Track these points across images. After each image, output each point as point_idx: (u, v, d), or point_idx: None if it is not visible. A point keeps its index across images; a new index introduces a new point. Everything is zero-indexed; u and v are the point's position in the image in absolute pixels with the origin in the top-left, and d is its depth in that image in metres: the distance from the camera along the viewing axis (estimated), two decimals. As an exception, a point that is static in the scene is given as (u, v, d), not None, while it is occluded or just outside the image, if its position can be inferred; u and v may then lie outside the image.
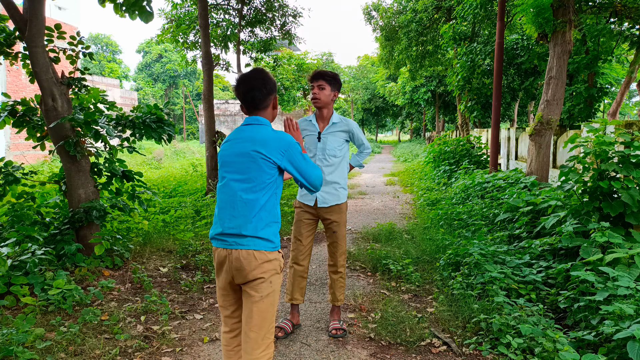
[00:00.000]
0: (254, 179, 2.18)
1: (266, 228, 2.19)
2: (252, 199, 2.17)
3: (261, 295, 2.16)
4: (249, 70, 2.33)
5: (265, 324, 2.17)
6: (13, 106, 4.72)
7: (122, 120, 4.85)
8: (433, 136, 28.63)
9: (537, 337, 2.97)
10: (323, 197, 3.41)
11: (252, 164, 2.18)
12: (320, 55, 30.99)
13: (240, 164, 2.20)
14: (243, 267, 2.14)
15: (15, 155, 19.81)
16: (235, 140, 2.27)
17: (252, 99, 2.27)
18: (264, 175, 2.17)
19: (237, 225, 2.16)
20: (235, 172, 2.21)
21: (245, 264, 2.14)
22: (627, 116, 41.23)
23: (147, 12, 4.32)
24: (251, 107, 2.29)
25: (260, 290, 2.16)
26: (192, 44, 13.16)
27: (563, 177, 4.52)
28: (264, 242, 2.17)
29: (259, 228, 2.16)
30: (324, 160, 3.38)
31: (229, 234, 2.18)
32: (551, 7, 6.85)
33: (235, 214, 2.18)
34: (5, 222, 4.72)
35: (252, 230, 2.15)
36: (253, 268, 2.14)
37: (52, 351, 3.03)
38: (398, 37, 18.41)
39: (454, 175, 11.32)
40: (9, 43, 4.83)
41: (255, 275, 2.15)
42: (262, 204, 2.18)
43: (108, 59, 57.54)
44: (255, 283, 2.16)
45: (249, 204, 2.17)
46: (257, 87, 2.25)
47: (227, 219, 2.19)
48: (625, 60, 16.07)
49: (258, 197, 2.17)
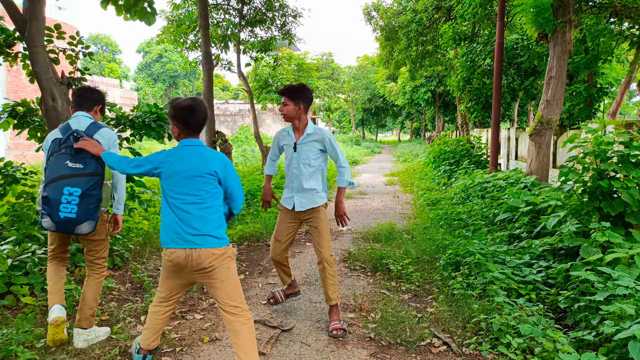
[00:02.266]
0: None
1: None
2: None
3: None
4: (194, 99, 2.67)
5: (238, 296, 2.67)
6: (14, 107, 4.72)
7: (122, 120, 4.86)
8: (433, 136, 28.64)
9: (537, 337, 2.97)
10: (300, 202, 3.60)
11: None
12: (320, 55, 31.06)
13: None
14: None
15: (15, 155, 19.81)
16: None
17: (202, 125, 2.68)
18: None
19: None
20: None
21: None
22: (627, 116, 41.24)
23: (149, 14, 4.32)
24: (199, 131, 2.68)
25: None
26: (192, 44, 13.16)
27: (563, 177, 4.53)
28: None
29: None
30: (300, 169, 3.54)
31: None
32: (551, 7, 6.86)
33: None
34: (5, 222, 4.72)
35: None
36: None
37: (52, 351, 3.03)
38: (398, 37, 18.42)
39: (454, 175, 11.32)
40: (8, 43, 4.83)
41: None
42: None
43: (108, 59, 57.56)
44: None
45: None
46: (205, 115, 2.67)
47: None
48: (625, 60, 16.07)
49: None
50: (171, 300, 2.78)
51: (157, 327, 2.81)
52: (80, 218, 2.85)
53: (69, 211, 2.81)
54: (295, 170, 3.56)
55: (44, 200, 2.81)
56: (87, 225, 2.90)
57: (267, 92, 20.60)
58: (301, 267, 5.19)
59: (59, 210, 2.79)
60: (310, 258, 5.54)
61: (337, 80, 35.00)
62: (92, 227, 2.93)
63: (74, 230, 2.88)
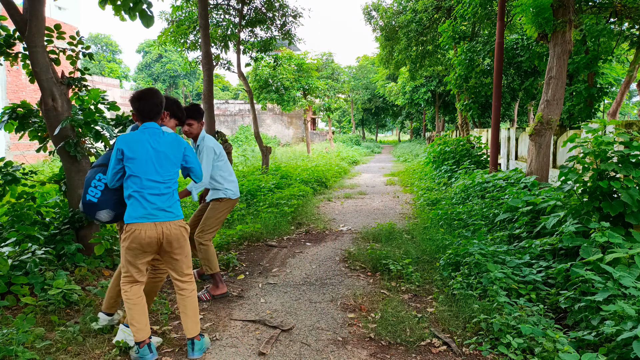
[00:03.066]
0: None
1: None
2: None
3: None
4: (144, 90, 3.05)
5: (191, 263, 3.16)
6: (14, 109, 4.72)
7: (122, 120, 4.86)
8: (433, 136, 28.63)
9: (537, 337, 2.97)
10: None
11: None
12: (320, 55, 31.02)
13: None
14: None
15: (15, 155, 19.81)
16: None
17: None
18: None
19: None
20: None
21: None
22: (627, 116, 41.25)
23: (147, 16, 4.32)
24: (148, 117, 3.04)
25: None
26: (192, 44, 13.16)
27: (563, 177, 4.53)
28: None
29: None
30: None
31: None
32: (551, 7, 6.86)
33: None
34: (5, 222, 4.72)
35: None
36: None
37: (52, 351, 3.03)
38: (398, 37, 18.42)
39: (454, 175, 11.32)
40: (9, 44, 4.83)
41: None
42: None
43: (108, 59, 57.56)
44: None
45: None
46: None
47: None
48: (625, 60, 16.07)
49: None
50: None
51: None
52: (100, 204, 3.06)
53: (93, 195, 3.07)
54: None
55: (86, 181, 3.16)
56: (105, 214, 3.09)
57: (267, 92, 20.60)
58: (301, 267, 5.19)
59: (87, 193, 3.08)
60: (310, 258, 5.54)
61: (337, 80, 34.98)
62: (111, 217, 3.11)
63: (95, 216, 3.11)
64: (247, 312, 3.88)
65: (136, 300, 2.99)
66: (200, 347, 3.08)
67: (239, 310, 3.93)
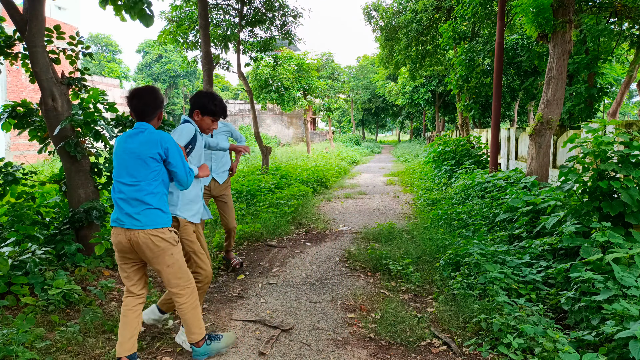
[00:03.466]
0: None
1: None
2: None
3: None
4: (137, 88, 2.87)
5: (180, 280, 2.88)
6: (14, 108, 4.72)
7: (122, 120, 4.86)
8: (433, 136, 28.63)
9: (537, 337, 2.97)
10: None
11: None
12: (320, 55, 31.02)
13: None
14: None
15: (15, 155, 19.81)
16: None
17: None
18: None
19: None
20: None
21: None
22: (627, 116, 41.25)
23: (147, 15, 4.33)
24: (140, 117, 2.87)
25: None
26: (192, 44, 13.16)
27: (563, 177, 4.52)
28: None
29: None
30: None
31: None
32: (551, 7, 6.85)
33: None
34: (5, 222, 4.72)
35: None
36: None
37: (52, 351, 3.03)
38: (398, 37, 18.41)
39: (454, 175, 11.32)
40: (9, 44, 4.83)
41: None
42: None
43: (108, 59, 57.56)
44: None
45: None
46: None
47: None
48: (625, 60, 16.06)
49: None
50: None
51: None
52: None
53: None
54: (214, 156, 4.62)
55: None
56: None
57: (267, 92, 20.60)
58: (301, 267, 5.19)
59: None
60: (310, 258, 5.54)
61: (337, 80, 34.98)
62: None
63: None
64: (247, 312, 3.88)
65: (125, 312, 2.85)
66: (198, 353, 3.01)
67: (239, 310, 3.93)
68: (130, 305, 2.86)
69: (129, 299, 2.88)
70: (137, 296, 2.89)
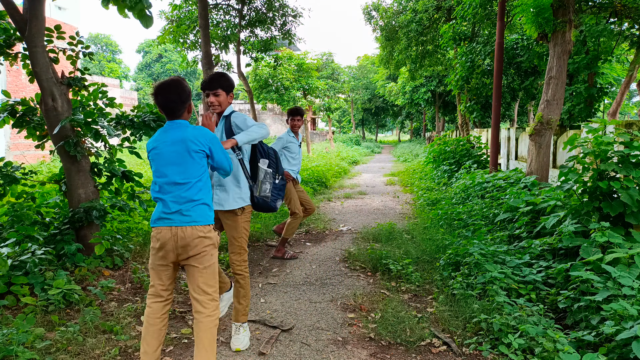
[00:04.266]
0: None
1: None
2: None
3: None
4: (162, 81, 2.67)
5: (209, 288, 2.67)
6: (13, 106, 4.72)
7: (122, 119, 4.86)
8: (433, 136, 28.63)
9: (537, 337, 2.97)
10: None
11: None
12: (320, 55, 31.01)
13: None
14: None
15: (15, 155, 19.81)
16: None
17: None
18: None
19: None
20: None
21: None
22: (627, 116, 41.25)
23: (147, 16, 4.32)
24: (170, 115, 2.70)
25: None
26: (192, 44, 13.16)
27: (563, 177, 4.52)
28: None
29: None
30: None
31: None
32: (551, 7, 6.85)
33: None
34: (5, 222, 4.72)
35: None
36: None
37: (52, 351, 3.03)
38: (398, 37, 18.41)
39: (454, 175, 11.32)
40: (9, 43, 4.83)
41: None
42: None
43: (108, 59, 57.55)
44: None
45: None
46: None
47: None
48: (625, 60, 16.06)
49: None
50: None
51: None
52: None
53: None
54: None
55: (281, 187, 3.35)
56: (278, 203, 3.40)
57: (267, 92, 20.61)
58: (301, 267, 5.19)
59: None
60: (310, 258, 5.54)
61: (337, 80, 34.98)
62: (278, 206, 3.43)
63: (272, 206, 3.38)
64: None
65: (152, 321, 2.66)
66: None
67: (239, 310, 3.93)
68: (158, 313, 2.67)
69: (157, 305, 2.67)
70: (166, 301, 2.71)
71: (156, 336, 2.65)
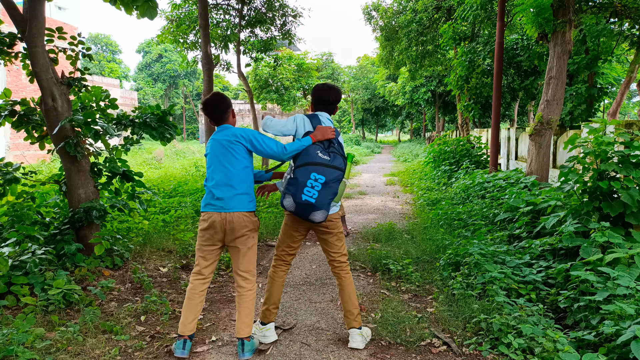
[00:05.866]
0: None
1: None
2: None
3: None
4: (209, 96, 3.21)
5: (251, 266, 3.15)
6: (13, 106, 4.72)
7: (123, 119, 4.86)
8: (433, 136, 28.63)
9: (537, 337, 2.96)
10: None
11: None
12: (320, 55, 31.05)
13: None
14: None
15: (15, 155, 19.81)
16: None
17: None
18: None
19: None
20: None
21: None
22: (628, 116, 41.25)
23: (151, 8, 4.32)
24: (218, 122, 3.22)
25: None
26: (192, 44, 13.16)
27: (563, 177, 4.52)
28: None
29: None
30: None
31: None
32: (551, 7, 6.86)
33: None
34: (5, 222, 4.72)
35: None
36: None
37: (52, 351, 3.03)
38: (398, 37, 18.42)
39: (454, 175, 11.32)
40: (9, 44, 4.83)
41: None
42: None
43: (108, 59, 57.55)
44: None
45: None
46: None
47: None
48: (625, 60, 16.06)
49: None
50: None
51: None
52: (317, 204, 3.00)
53: (310, 195, 3.00)
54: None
55: (292, 181, 3.04)
56: (320, 214, 3.03)
57: (267, 92, 20.60)
58: (301, 267, 5.19)
59: (302, 193, 2.99)
60: (310, 258, 5.54)
61: (337, 80, 35.00)
62: (324, 217, 3.07)
63: (308, 216, 3.04)
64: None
65: (191, 295, 3.13)
66: (250, 348, 3.09)
67: (239, 310, 3.93)
68: (198, 289, 3.13)
69: (198, 282, 3.14)
70: (205, 279, 3.16)
71: (193, 309, 3.11)
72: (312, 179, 2.99)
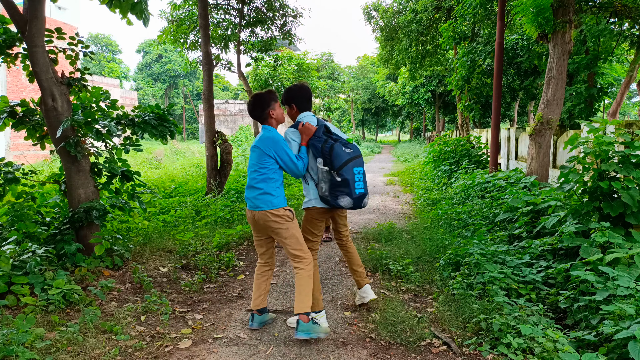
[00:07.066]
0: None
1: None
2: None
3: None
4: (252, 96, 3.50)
5: (298, 251, 3.35)
6: (12, 107, 4.72)
7: (123, 119, 4.85)
8: (433, 136, 28.63)
9: (537, 337, 2.96)
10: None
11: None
12: (320, 55, 31.06)
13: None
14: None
15: (15, 155, 19.81)
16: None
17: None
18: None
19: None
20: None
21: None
22: (627, 116, 41.25)
23: (145, 16, 4.32)
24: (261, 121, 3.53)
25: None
26: (192, 44, 13.16)
27: (563, 178, 4.52)
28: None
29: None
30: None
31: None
32: (551, 7, 6.85)
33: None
34: (5, 222, 4.72)
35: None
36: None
37: (52, 351, 3.03)
38: (398, 37, 18.43)
39: (454, 175, 11.32)
40: (9, 44, 4.83)
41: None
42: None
43: (108, 59, 57.55)
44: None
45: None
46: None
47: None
48: (625, 60, 16.07)
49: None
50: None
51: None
52: (367, 192, 3.43)
53: (361, 187, 3.35)
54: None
55: (343, 183, 3.28)
56: (368, 198, 3.45)
57: (267, 92, 20.59)
58: (301, 267, 5.18)
59: (355, 188, 3.30)
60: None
61: (337, 80, 35.01)
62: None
63: (362, 204, 3.40)
64: (247, 312, 3.88)
65: (256, 276, 3.57)
66: (303, 329, 3.18)
67: (239, 310, 3.94)
68: (259, 272, 3.56)
69: (259, 265, 3.59)
70: (265, 264, 3.57)
71: (257, 288, 3.54)
72: (356, 173, 3.32)
